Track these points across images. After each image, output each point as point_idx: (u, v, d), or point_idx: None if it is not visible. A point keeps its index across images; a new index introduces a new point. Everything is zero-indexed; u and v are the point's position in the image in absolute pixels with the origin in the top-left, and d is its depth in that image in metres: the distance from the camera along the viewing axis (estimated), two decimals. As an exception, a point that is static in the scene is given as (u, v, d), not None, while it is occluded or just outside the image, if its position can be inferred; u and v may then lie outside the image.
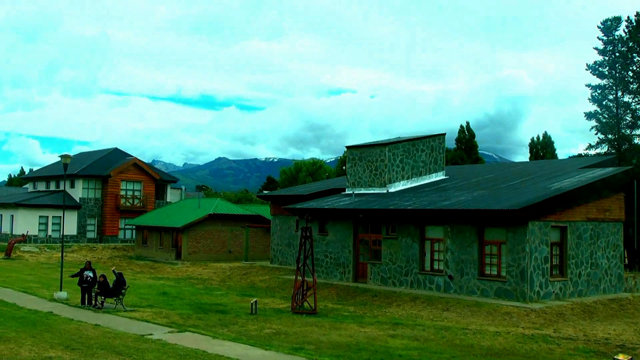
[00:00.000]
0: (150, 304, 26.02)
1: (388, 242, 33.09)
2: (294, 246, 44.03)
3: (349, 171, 39.28)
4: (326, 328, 22.13)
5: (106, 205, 60.97)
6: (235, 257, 51.77)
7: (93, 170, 60.62)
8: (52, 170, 66.42)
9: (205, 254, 50.56)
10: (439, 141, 41.30)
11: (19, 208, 57.02)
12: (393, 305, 28.73)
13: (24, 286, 30.70)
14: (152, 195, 63.34)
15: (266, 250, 53.54)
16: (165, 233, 51.67)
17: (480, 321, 25.32)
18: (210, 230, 50.93)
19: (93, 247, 56.92)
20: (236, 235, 52.41)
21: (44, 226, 58.37)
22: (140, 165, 62.65)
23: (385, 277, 32.97)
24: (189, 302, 27.64)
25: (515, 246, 28.07)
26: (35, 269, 41.55)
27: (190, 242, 49.91)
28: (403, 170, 38.53)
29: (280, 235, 45.19)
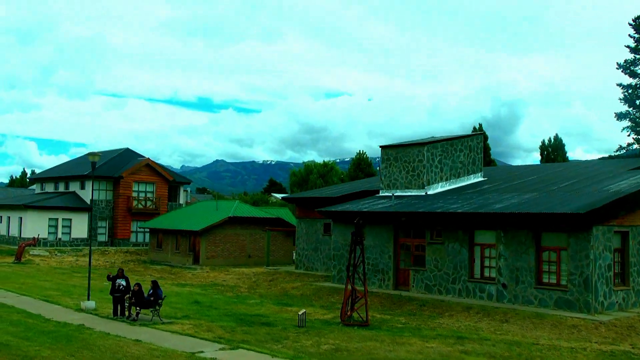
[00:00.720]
0: (186, 315, 23.81)
1: (433, 247, 30.90)
2: (321, 251, 41.87)
3: (384, 172, 37.11)
4: (387, 343, 19.96)
5: (118, 207, 58.66)
6: (254, 261, 49.52)
7: (104, 171, 58.32)
8: (61, 171, 64.16)
9: (224, 258, 48.31)
10: (477, 141, 39.18)
11: (28, 210, 54.70)
12: (445, 316, 26.57)
13: (44, 294, 28.46)
14: (165, 197, 61.04)
15: (287, 254, 51.39)
16: (182, 236, 49.41)
17: (546, 334, 23.18)
18: (229, 234, 48.69)
19: (105, 251, 54.62)
20: (255, 239, 50.18)
21: (53, 229, 56.06)
22: (152, 166, 60.37)
23: (430, 285, 30.77)
24: (225, 312, 25.43)
25: (577, 253, 25.92)
26: (49, 274, 39.28)
27: (208, 246, 47.66)
28: (441, 171, 36.40)
29: (306, 240, 42.96)
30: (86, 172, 57.30)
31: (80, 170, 59.64)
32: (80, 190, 59.07)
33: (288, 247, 51.93)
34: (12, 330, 19.10)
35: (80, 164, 63.35)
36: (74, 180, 59.88)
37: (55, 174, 64.15)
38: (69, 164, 67.52)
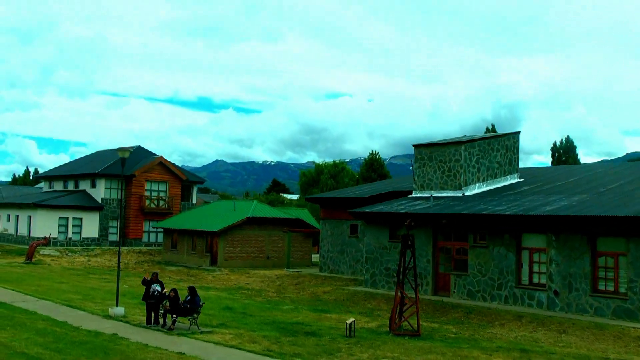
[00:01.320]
0: (222, 323, 22.01)
1: (476, 251, 29.10)
2: (347, 253, 40.09)
3: (417, 172, 35.32)
4: (449, 357, 18.16)
5: (129, 206, 56.82)
6: (273, 263, 47.73)
7: (116, 170, 56.49)
8: (71, 169, 62.36)
9: (242, 260, 46.50)
10: (514, 140, 37.41)
11: (38, 209, 52.86)
12: (495, 325, 24.78)
13: (64, 298, 26.64)
14: (178, 197, 59.21)
15: (306, 256, 49.67)
16: (199, 237, 47.60)
17: (612, 347, 21.40)
18: (247, 235, 46.88)
19: (117, 251, 52.75)
20: (274, 240, 48.38)
21: (63, 228, 54.22)
22: (166, 164, 58.53)
23: (473, 291, 28.97)
24: (262, 319, 23.62)
25: (638, 259, 24.13)
26: (63, 275, 37.47)
27: (227, 247, 45.85)
28: (479, 171, 34.62)
29: (331, 241, 41.16)
30: (98, 170, 55.51)
31: (91, 168, 57.83)
32: (91, 188, 57.24)
33: (307, 249, 50.22)
34: (41, 341, 17.30)
35: (90, 162, 61.57)
36: (85, 179, 58.06)
37: (65, 171, 62.35)
38: (78, 161, 65.72)
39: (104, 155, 63.21)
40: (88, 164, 60.82)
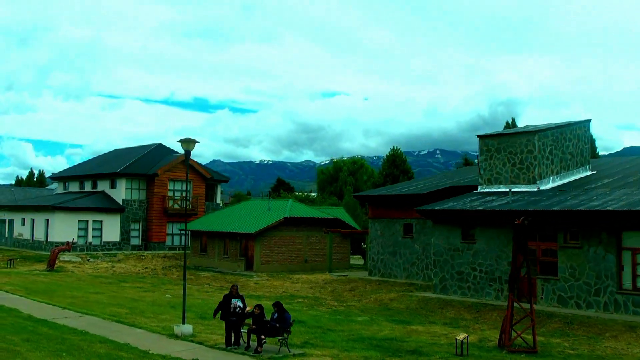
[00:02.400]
0: (306, 341, 18.79)
1: (567, 252, 25.89)
2: (400, 255, 36.87)
3: (483, 165, 32.12)
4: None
5: (152, 207, 53.53)
6: (311, 267, 44.53)
7: (136, 169, 53.22)
8: (87, 169, 59.05)
9: (280, 263, 43.29)
10: (585, 129, 34.26)
11: (56, 211, 49.52)
12: (607, 338, 21.58)
13: (109, 312, 23.40)
14: (203, 197, 55.95)
15: (344, 258, 46.51)
16: (232, 240, 44.35)
17: None
18: (284, 237, 43.65)
19: (141, 256, 49.54)
20: (312, 242, 45.17)
21: (83, 232, 50.92)
22: (190, 162, 55.20)
23: (565, 297, 25.76)
24: (346, 335, 20.41)
25: None
26: (94, 284, 34.23)
27: (263, 250, 42.61)
28: (552, 163, 31.44)
29: (381, 243, 37.93)
30: (119, 170, 52.20)
31: (109, 168, 54.55)
32: (111, 189, 53.94)
33: (345, 251, 47.06)
34: (113, 372, 14.09)
35: (109, 161, 58.30)
36: (103, 179, 54.75)
37: (81, 172, 59.04)
38: (94, 161, 62.39)
39: (122, 154, 59.95)
40: (106, 164, 57.54)
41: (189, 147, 18.91)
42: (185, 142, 18.87)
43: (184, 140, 18.86)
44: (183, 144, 18.88)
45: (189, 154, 18.97)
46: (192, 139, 18.91)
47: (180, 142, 18.92)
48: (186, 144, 18.89)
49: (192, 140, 18.92)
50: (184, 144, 18.87)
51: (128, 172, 52.51)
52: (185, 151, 18.95)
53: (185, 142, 18.87)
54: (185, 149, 18.93)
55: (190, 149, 18.93)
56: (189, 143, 18.90)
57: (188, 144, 18.89)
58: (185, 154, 18.99)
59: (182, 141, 18.88)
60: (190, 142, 18.90)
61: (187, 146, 18.90)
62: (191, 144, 18.92)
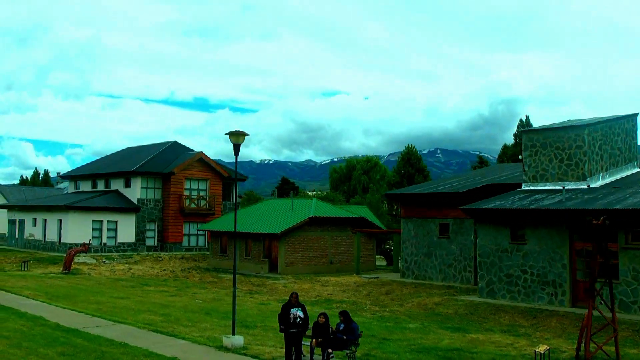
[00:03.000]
0: (368, 353, 17.02)
1: (630, 253, 24.13)
2: (436, 256, 35.14)
3: (527, 161, 30.36)
4: None
5: (168, 207, 51.79)
6: (336, 268, 42.81)
7: (152, 167, 51.48)
8: (99, 168, 57.31)
9: (304, 265, 41.55)
10: (632, 123, 32.53)
11: (70, 211, 47.78)
12: (688, 347, 19.84)
13: (142, 320, 21.66)
14: (219, 196, 54.20)
15: (370, 259, 44.79)
16: (255, 240, 42.60)
17: None
18: (309, 237, 41.91)
19: (158, 257, 47.82)
20: (337, 242, 43.44)
21: (97, 232, 49.19)
22: (206, 160, 53.49)
23: (627, 302, 24.00)
24: (406, 345, 18.65)
25: None
26: (116, 288, 32.52)
27: (288, 251, 40.87)
28: (602, 159, 29.73)
29: (415, 243, 36.19)
30: (134, 168, 50.45)
31: (123, 166, 52.81)
32: (125, 188, 52.20)
33: (371, 251, 45.34)
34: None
35: (122, 159, 56.58)
36: (117, 177, 53.01)
37: (93, 170, 57.28)
38: (106, 160, 60.63)
39: (135, 152, 58.24)
40: (119, 162, 55.81)
41: (238, 141, 17.14)
42: (234, 135, 17.11)
43: (232, 133, 17.10)
44: (232, 137, 17.11)
45: (238, 148, 17.18)
46: (242, 132, 17.16)
47: (228, 135, 17.16)
48: (235, 137, 17.12)
49: (242, 133, 17.16)
50: (233, 137, 17.11)
51: (143, 170, 50.76)
52: (234, 145, 17.15)
53: (234, 135, 17.11)
54: (234, 142, 17.15)
55: (239, 142, 17.16)
56: (237, 136, 17.13)
57: (237, 137, 17.13)
58: (234, 148, 17.18)
59: (231, 134, 17.12)
60: (239, 136, 17.14)
61: (235, 139, 17.13)
62: (240, 137, 17.16)
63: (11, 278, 35.55)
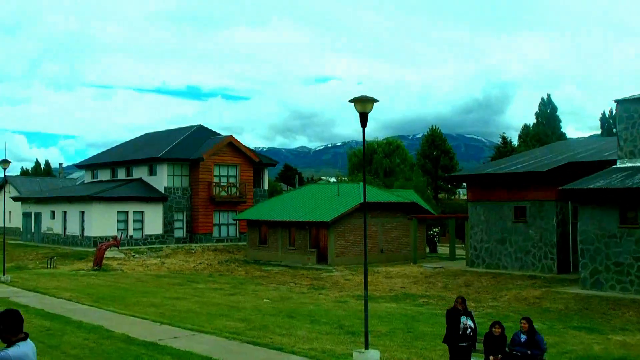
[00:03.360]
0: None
1: None
2: (511, 243, 31.86)
3: (623, 135, 26.98)
4: None
5: (197, 195, 48.32)
6: (387, 257, 39.57)
7: (178, 153, 47.98)
8: (119, 155, 53.75)
9: (355, 255, 38.25)
10: None
11: (94, 202, 44.29)
12: None
13: (221, 326, 18.33)
14: (250, 182, 50.78)
15: (419, 247, 41.45)
16: (299, 229, 39.25)
17: None
18: (358, 225, 38.58)
19: (190, 250, 44.47)
20: (387, 229, 40.15)
21: (123, 224, 45.77)
22: (236, 145, 49.96)
23: None
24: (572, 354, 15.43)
25: None
26: (162, 286, 29.16)
27: (338, 240, 37.56)
28: None
29: (485, 229, 32.90)
30: (160, 154, 46.95)
31: (147, 153, 49.35)
32: (149, 176, 48.73)
33: (422, 238, 42.05)
34: None
35: (143, 146, 53.09)
36: (140, 165, 49.49)
37: (112, 158, 53.72)
38: (125, 146, 57.02)
39: (157, 137, 54.75)
40: (142, 149, 52.30)
41: (365, 109, 13.71)
42: (361, 102, 13.67)
43: (358, 100, 13.66)
44: (357, 105, 13.68)
45: (366, 117, 13.76)
46: (370, 97, 13.73)
47: (353, 102, 13.74)
48: (361, 105, 13.68)
49: (369, 100, 13.71)
50: (359, 105, 13.66)
51: (169, 156, 47.27)
52: (361, 114, 13.73)
53: (360, 103, 13.67)
54: (360, 111, 13.71)
55: (367, 110, 13.73)
56: (364, 103, 13.69)
57: (364, 104, 13.68)
58: (360, 118, 13.77)
59: (356, 101, 13.68)
60: (366, 102, 13.69)
61: (362, 107, 13.69)
62: (368, 105, 13.72)
63: (40, 277, 32.23)
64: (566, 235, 30.82)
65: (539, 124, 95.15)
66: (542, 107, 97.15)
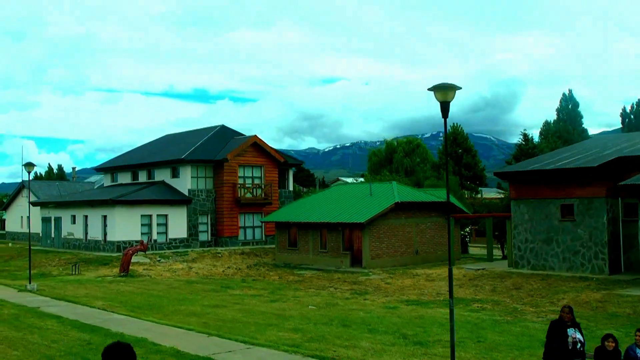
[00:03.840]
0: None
1: None
2: (558, 243, 30.38)
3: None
4: None
5: (222, 197, 47.05)
6: (422, 259, 38.19)
7: (202, 154, 46.75)
8: (141, 157, 52.56)
9: (390, 257, 36.90)
10: None
11: (117, 206, 43.12)
12: None
13: (275, 338, 17.02)
14: (276, 183, 49.47)
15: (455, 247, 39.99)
16: (331, 231, 37.92)
17: None
18: (393, 226, 37.23)
19: (216, 254, 43.20)
20: (421, 230, 38.76)
21: (146, 228, 44.57)
22: (261, 145, 48.66)
23: None
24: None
25: None
26: (196, 292, 27.89)
27: (373, 242, 36.19)
28: None
29: (530, 228, 31.44)
30: (183, 155, 45.73)
31: (170, 154, 48.17)
32: (172, 178, 47.52)
33: (457, 238, 40.58)
34: None
35: (165, 147, 51.93)
36: (163, 167, 48.30)
37: (132, 161, 52.55)
38: (145, 149, 55.84)
39: (178, 139, 53.56)
40: (163, 150, 51.11)
41: (447, 98, 12.35)
42: (441, 90, 12.31)
43: (438, 88, 12.31)
44: (438, 93, 12.32)
45: (447, 107, 12.40)
46: (452, 84, 12.36)
47: (432, 90, 12.38)
48: (442, 94, 12.32)
49: (450, 87, 12.35)
50: (439, 93, 12.30)
51: (193, 158, 46.03)
52: (442, 104, 12.39)
53: (440, 91, 12.31)
54: (440, 100, 12.37)
55: (448, 99, 12.37)
56: (445, 91, 12.33)
57: (445, 92, 12.31)
58: (441, 108, 12.43)
59: (436, 89, 12.33)
60: (447, 90, 12.34)
61: (443, 96, 12.33)
62: (450, 93, 12.36)
63: (67, 285, 31.06)
64: (617, 234, 29.34)
65: (559, 120, 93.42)
66: (563, 102, 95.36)
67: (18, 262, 44.80)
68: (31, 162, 29.92)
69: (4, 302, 24.49)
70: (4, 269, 40.26)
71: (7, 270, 39.34)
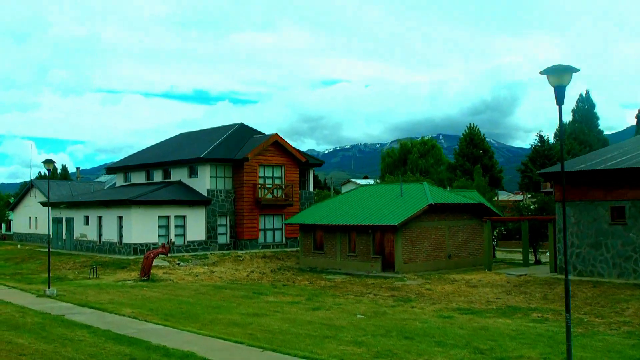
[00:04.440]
0: None
1: None
2: (607, 247, 28.74)
3: None
4: None
5: (241, 198, 45.41)
6: (455, 263, 36.59)
7: (221, 153, 45.13)
8: (154, 156, 50.92)
9: (423, 261, 35.27)
10: None
11: (133, 207, 41.47)
12: None
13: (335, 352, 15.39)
14: (297, 184, 47.85)
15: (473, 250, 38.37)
16: (360, 234, 36.28)
17: None
18: (426, 228, 35.61)
19: (238, 257, 41.58)
20: (454, 233, 37.13)
21: (164, 230, 42.93)
22: (282, 144, 47.05)
23: None
24: None
25: None
26: (227, 299, 26.28)
27: (405, 245, 34.56)
28: None
29: (576, 232, 29.79)
30: (202, 154, 44.10)
31: (188, 153, 46.55)
32: (190, 178, 45.90)
33: (478, 241, 38.82)
34: None
35: (181, 146, 50.31)
36: (179, 166, 46.67)
37: (146, 160, 50.89)
38: (160, 147, 54.16)
39: (195, 137, 51.90)
40: (179, 149, 49.49)
41: (562, 82, 10.75)
42: (556, 73, 10.70)
43: (552, 70, 10.69)
44: (551, 78, 10.72)
45: (563, 92, 10.78)
46: (568, 66, 10.75)
47: (546, 74, 10.77)
48: (556, 77, 10.72)
49: (568, 69, 10.73)
50: (553, 77, 10.71)
51: (212, 157, 44.38)
52: (556, 88, 10.77)
53: (555, 75, 10.70)
54: (555, 84, 10.76)
55: (564, 83, 10.77)
56: (560, 75, 10.72)
57: (560, 76, 10.72)
58: (555, 93, 10.81)
59: (550, 71, 10.71)
60: (562, 74, 10.72)
61: (558, 80, 10.73)
62: (565, 76, 10.75)
63: (87, 290, 29.47)
64: (671, 238, 27.70)
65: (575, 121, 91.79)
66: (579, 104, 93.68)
67: (30, 264, 43.22)
68: (50, 159, 28.42)
69: (25, 310, 22.92)
70: (17, 272, 38.68)
71: (20, 274, 37.75)
